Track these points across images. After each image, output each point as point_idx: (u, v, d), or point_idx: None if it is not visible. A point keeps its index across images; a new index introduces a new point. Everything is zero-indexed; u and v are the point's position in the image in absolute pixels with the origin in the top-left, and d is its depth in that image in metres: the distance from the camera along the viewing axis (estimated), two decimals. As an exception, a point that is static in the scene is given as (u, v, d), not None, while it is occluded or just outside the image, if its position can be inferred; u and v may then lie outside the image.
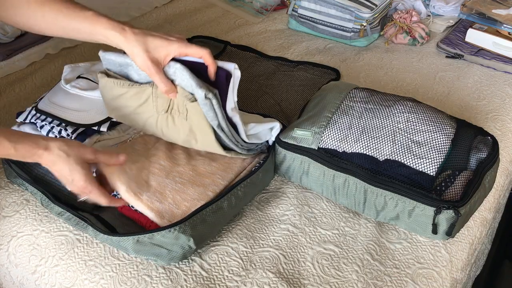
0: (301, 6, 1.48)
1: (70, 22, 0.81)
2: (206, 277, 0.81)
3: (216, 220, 0.83)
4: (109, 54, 0.85)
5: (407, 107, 0.93)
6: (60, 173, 0.77)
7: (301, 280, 0.81)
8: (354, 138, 0.90)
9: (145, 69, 0.80)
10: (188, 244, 0.79)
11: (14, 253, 0.87)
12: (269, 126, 0.93)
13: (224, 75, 0.81)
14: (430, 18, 1.55)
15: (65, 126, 0.90)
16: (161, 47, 0.79)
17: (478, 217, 0.94)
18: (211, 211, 0.81)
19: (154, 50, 0.79)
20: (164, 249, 0.78)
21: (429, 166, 0.84)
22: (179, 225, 0.77)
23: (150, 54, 0.79)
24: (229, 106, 0.82)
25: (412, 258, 0.85)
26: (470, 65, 1.37)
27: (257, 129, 0.90)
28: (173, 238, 0.77)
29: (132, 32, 0.79)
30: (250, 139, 0.88)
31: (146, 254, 0.80)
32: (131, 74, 0.86)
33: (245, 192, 0.88)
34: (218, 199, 0.83)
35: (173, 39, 0.80)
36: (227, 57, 1.38)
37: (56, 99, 0.93)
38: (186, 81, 0.79)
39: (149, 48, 0.79)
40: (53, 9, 0.81)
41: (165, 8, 1.68)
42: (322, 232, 0.89)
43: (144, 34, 0.79)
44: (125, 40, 0.79)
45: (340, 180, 0.89)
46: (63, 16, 0.81)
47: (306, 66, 1.34)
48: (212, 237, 0.86)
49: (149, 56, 0.79)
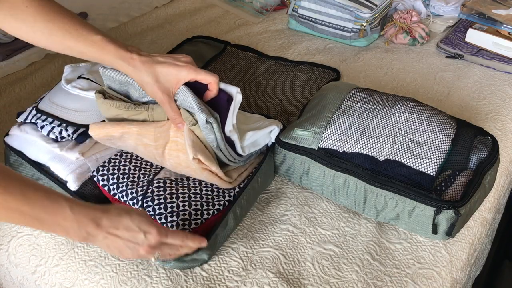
0: (301, 6, 1.48)
1: (78, 45, 0.79)
2: (206, 277, 0.81)
3: (226, 232, 0.85)
4: (109, 71, 0.85)
5: (407, 107, 0.93)
6: (126, 235, 0.69)
7: (301, 280, 0.81)
8: (354, 138, 0.90)
9: (155, 98, 0.80)
10: (203, 257, 0.80)
11: (14, 253, 0.87)
12: (268, 131, 0.92)
13: (226, 98, 0.81)
14: (430, 18, 1.55)
15: (66, 126, 0.90)
16: (171, 75, 0.78)
17: (478, 217, 0.94)
18: (221, 228, 0.82)
19: (164, 79, 0.78)
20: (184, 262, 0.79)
21: (429, 166, 0.84)
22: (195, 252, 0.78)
23: (160, 84, 0.78)
24: (228, 128, 0.82)
25: (412, 258, 0.85)
26: (470, 65, 1.37)
27: (255, 136, 0.90)
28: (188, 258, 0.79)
29: (140, 61, 0.77)
30: (248, 148, 0.88)
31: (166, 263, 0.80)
32: (131, 92, 0.87)
33: (248, 200, 0.89)
34: (225, 215, 0.83)
35: (182, 65, 0.78)
36: (227, 57, 1.38)
37: (57, 100, 0.93)
38: (188, 103, 0.79)
39: (159, 78, 0.78)
40: (61, 29, 0.79)
41: (165, 8, 1.68)
42: (322, 232, 0.89)
43: (152, 63, 0.78)
44: (133, 70, 0.78)
45: (340, 180, 0.89)
46: (70, 37, 0.79)
47: (306, 66, 1.34)
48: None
49: (159, 86, 0.78)
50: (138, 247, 0.70)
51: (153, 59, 0.78)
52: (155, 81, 0.78)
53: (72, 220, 0.65)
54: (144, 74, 0.77)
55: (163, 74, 0.78)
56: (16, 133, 0.93)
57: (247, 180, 0.89)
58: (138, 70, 0.77)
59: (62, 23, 0.79)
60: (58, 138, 0.90)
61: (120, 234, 0.68)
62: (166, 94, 0.79)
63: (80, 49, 0.79)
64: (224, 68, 1.33)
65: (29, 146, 0.92)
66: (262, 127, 0.92)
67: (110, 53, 0.78)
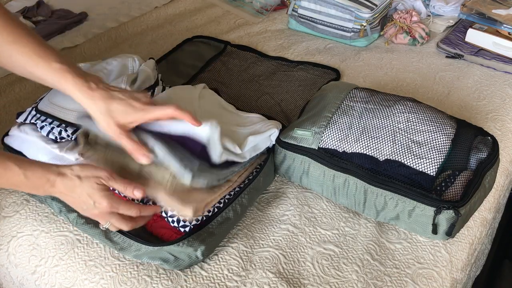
0: (301, 6, 1.48)
1: (37, 71, 0.77)
2: (206, 277, 0.81)
3: (224, 230, 0.84)
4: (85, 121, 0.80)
5: (407, 107, 0.93)
6: (78, 199, 0.72)
7: (301, 280, 0.81)
8: (354, 138, 0.90)
9: (109, 132, 0.76)
10: (196, 254, 0.79)
11: (14, 253, 0.87)
12: (268, 134, 0.92)
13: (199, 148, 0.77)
14: (430, 18, 1.55)
15: (65, 127, 0.89)
16: (126, 114, 0.75)
17: (478, 217, 0.94)
18: (217, 223, 0.82)
19: (119, 115, 0.75)
20: (171, 255, 0.79)
21: (429, 166, 0.84)
22: (187, 239, 0.78)
23: (115, 119, 0.75)
24: (216, 158, 0.79)
25: (412, 258, 0.85)
26: (470, 65, 1.37)
27: (256, 140, 0.89)
28: (181, 250, 0.78)
29: (98, 93, 0.75)
30: (249, 153, 0.88)
31: (152, 259, 0.80)
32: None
33: (249, 199, 0.89)
34: (223, 210, 0.83)
35: (137, 106, 0.75)
36: (227, 57, 1.38)
37: (56, 100, 0.93)
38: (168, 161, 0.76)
39: (113, 114, 0.75)
40: (21, 53, 0.77)
41: (165, 8, 1.68)
42: (322, 232, 0.89)
43: (110, 98, 0.75)
44: (89, 101, 0.75)
45: (340, 180, 0.89)
46: (32, 63, 0.77)
47: (306, 66, 1.34)
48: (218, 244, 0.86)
49: (114, 121, 0.75)
50: (89, 210, 0.74)
51: (111, 94, 0.76)
52: (109, 117, 0.75)
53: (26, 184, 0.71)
54: (100, 106, 0.75)
55: (118, 110, 0.75)
56: (16, 134, 0.93)
57: (249, 180, 0.89)
58: (93, 101, 0.75)
59: (23, 47, 0.76)
60: (57, 138, 0.90)
61: (74, 196, 0.73)
62: (120, 128, 0.75)
63: (39, 75, 0.78)
64: (224, 68, 1.33)
65: (28, 147, 0.91)
66: (262, 131, 0.91)
67: (68, 82, 0.75)
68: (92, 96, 0.75)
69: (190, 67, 1.33)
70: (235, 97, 1.21)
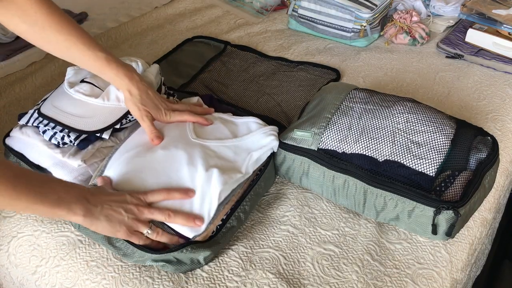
0: (301, 6, 1.48)
1: (82, 58, 0.88)
2: (206, 277, 0.81)
3: (228, 238, 0.85)
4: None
5: (406, 107, 0.93)
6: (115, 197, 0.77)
7: (301, 280, 0.81)
8: (354, 139, 0.90)
9: (136, 116, 0.91)
10: (198, 259, 0.80)
11: (14, 254, 0.87)
12: (270, 147, 0.92)
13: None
14: (430, 18, 1.55)
15: (68, 132, 0.88)
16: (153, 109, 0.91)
17: (478, 218, 0.94)
18: (222, 234, 0.82)
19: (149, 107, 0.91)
20: (174, 258, 0.79)
21: (428, 166, 0.84)
22: (191, 246, 0.78)
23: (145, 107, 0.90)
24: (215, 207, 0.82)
25: (412, 259, 0.85)
26: (470, 65, 1.37)
27: (258, 154, 0.90)
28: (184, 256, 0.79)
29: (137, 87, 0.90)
30: (252, 167, 0.89)
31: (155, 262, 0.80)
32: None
33: (251, 205, 0.89)
34: (227, 221, 0.83)
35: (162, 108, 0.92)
36: (227, 57, 1.38)
37: (60, 104, 0.92)
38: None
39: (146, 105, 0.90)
40: (67, 40, 0.86)
41: (165, 8, 1.68)
42: (322, 233, 0.89)
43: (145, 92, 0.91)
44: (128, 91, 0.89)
45: (340, 180, 0.89)
46: (76, 49, 0.87)
47: (306, 66, 1.34)
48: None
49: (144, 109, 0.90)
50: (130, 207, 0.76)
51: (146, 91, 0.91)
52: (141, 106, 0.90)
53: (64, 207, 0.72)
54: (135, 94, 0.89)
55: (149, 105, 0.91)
56: (18, 135, 0.92)
57: (249, 186, 0.88)
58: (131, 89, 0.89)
59: (70, 35, 0.86)
60: (60, 144, 0.89)
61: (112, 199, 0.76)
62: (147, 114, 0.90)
63: (83, 61, 0.89)
64: (224, 68, 1.33)
65: (30, 150, 0.91)
66: (263, 144, 0.92)
67: (112, 70, 0.88)
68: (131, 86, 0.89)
69: (190, 67, 1.33)
70: (235, 97, 1.21)
